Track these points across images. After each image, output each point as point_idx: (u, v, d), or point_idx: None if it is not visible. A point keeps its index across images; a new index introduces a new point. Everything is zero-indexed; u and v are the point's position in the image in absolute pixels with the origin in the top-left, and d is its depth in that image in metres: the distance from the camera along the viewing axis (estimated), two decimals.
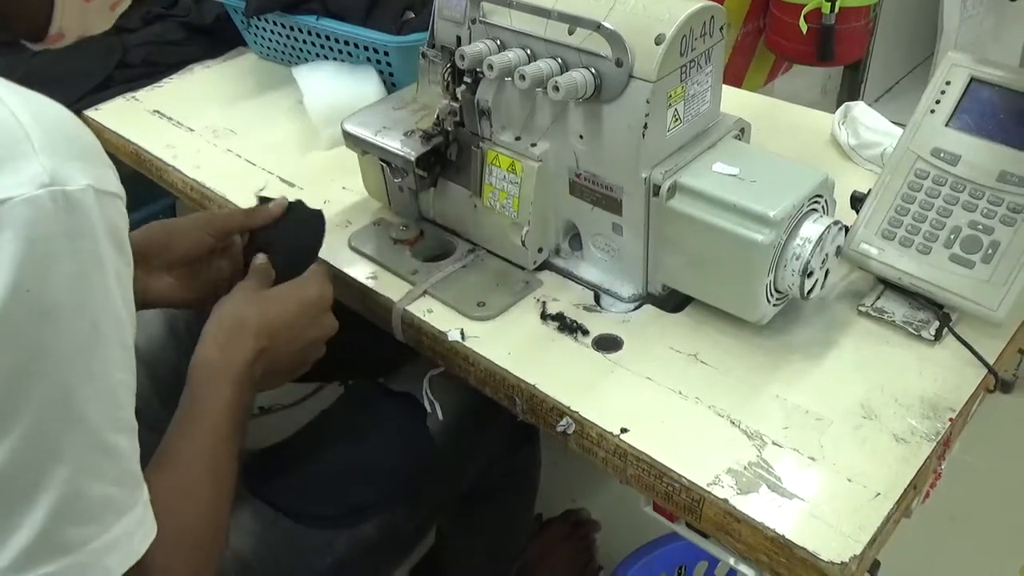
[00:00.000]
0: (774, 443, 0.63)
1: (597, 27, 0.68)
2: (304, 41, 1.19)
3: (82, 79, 1.21)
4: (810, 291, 0.70)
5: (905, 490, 0.60)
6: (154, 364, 0.90)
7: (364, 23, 1.11)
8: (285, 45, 1.23)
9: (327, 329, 0.73)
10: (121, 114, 1.17)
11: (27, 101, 0.46)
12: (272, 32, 1.23)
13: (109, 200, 0.47)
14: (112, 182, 0.48)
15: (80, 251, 0.45)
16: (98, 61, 1.23)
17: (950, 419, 0.64)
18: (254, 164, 1.04)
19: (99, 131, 1.14)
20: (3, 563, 0.44)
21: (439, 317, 0.78)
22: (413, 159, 0.81)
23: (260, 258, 0.77)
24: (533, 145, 0.77)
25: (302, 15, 1.14)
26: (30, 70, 1.16)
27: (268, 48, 1.28)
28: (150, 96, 1.21)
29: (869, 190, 0.76)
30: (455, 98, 0.80)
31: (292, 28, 1.19)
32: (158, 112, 1.17)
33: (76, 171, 0.45)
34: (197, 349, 0.66)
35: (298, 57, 1.24)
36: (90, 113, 1.17)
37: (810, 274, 0.69)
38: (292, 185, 1.00)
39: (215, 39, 1.32)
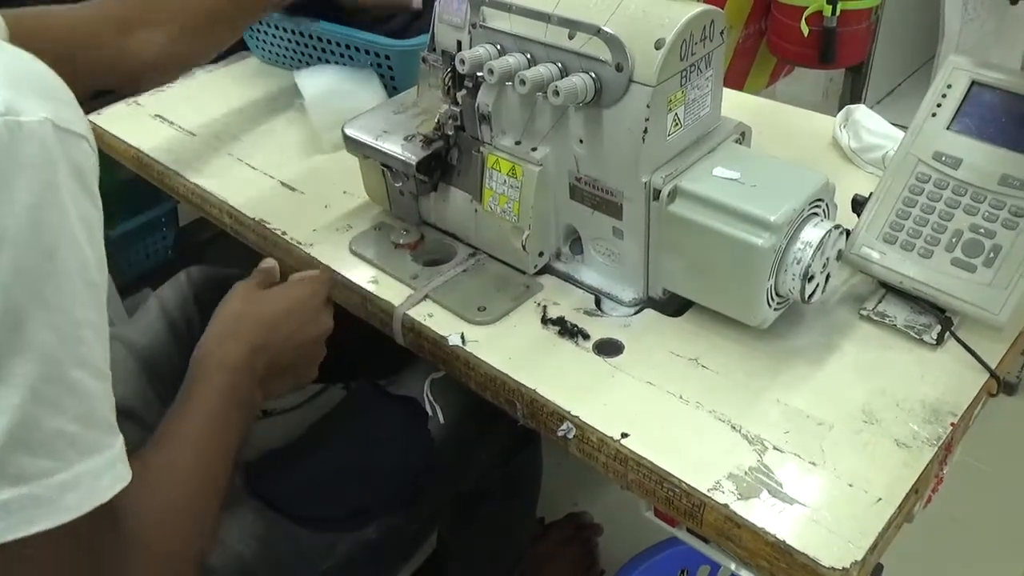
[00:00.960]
0: (775, 448, 0.63)
1: (597, 31, 0.68)
2: (306, 45, 1.20)
3: None
4: (811, 295, 0.70)
5: (907, 495, 0.59)
6: (154, 364, 0.90)
7: (372, 29, 1.11)
8: (287, 49, 1.24)
9: (323, 326, 0.75)
10: (123, 118, 1.17)
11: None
12: (274, 36, 1.23)
13: (72, 138, 0.47)
14: (76, 123, 0.48)
15: (34, 181, 0.44)
16: None
17: (952, 424, 0.64)
18: (255, 168, 1.04)
19: (101, 135, 1.15)
20: None
21: (439, 321, 0.78)
22: (414, 163, 0.81)
23: (268, 261, 0.79)
24: (533, 149, 0.77)
25: (304, 18, 1.15)
26: None
27: (270, 52, 1.28)
28: (152, 100, 1.21)
29: (870, 193, 0.76)
30: (455, 102, 0.80)
31: (293, 32, 1.19)
32: (160, 116, 1.17)
33: (34, 104, 0.45)
34: (197, 345, 0.67)
35: (300, 61, 1.24)
36: (92, 117, 1.17)
37: (811, 278, 0.69)
38: (293, 189, 1.00)
39: None
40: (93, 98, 1.20)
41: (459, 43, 0.79)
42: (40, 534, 0.45)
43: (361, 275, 0.85)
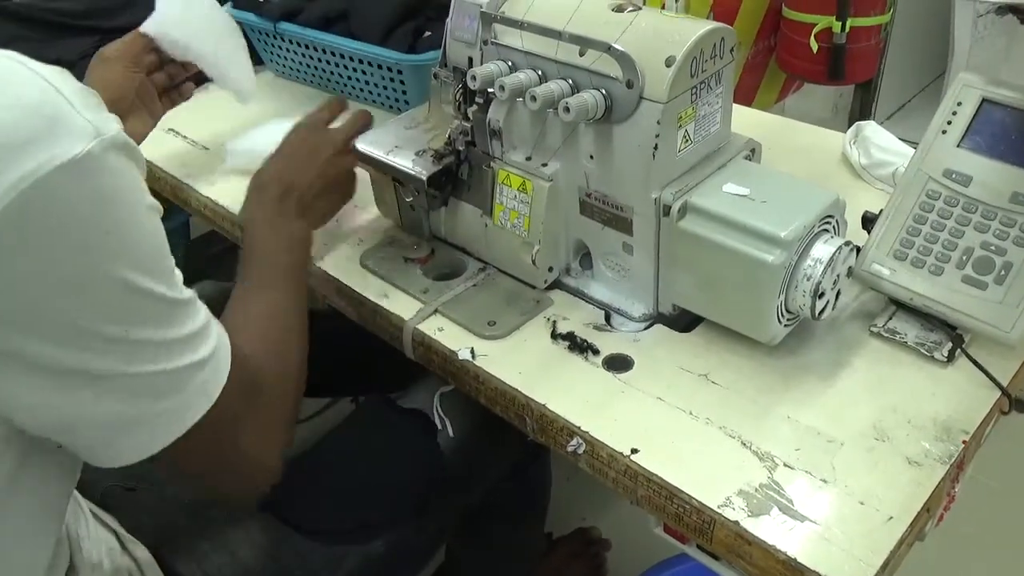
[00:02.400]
0: (785, 465, 0.63)
1: (608, 49, 0.68)
2: (319, 60, 1.21)
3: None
4: (821, 312, 0.70)
5: (918, 513, 0.59)
6: None
7: (382, 43, 1.12)
8: (301, 63, 1.25)
9: (334, 141, 0.85)
10: None
11: (46, 67, 0.49)
12: (287, 50, 1.25)
13: (127, 137, 0.51)
14: (119, 121, 0.52)
15: (129, 182, 0.50)
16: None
17: (964, 441, 0.64)
18: None
19: None
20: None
21: (450, 336, 0.78)
22: (425, 178, 0.81)
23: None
24: (544, 165, 0.78)
25: (320, 33, 1.16)
26: None
27: (283, 66, 1.29)
28: (166, 115, 1.22)
29: (880, 210, 0.76)
30: (467, 118, 0.81)
31: (307, 47, 1.20)
32: (173, 130, 1.18)
33: (109, 120, 0.49)
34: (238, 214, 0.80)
35: (314, 75, 1.25)
36: None
37: (821, 295, 0.69)
38: None
39: None
40: None
41: (470, 59, 0.80)
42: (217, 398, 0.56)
43: (372, 289, 0.85)
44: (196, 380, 0.55)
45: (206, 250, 1.60)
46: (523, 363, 0.74)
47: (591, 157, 0.74)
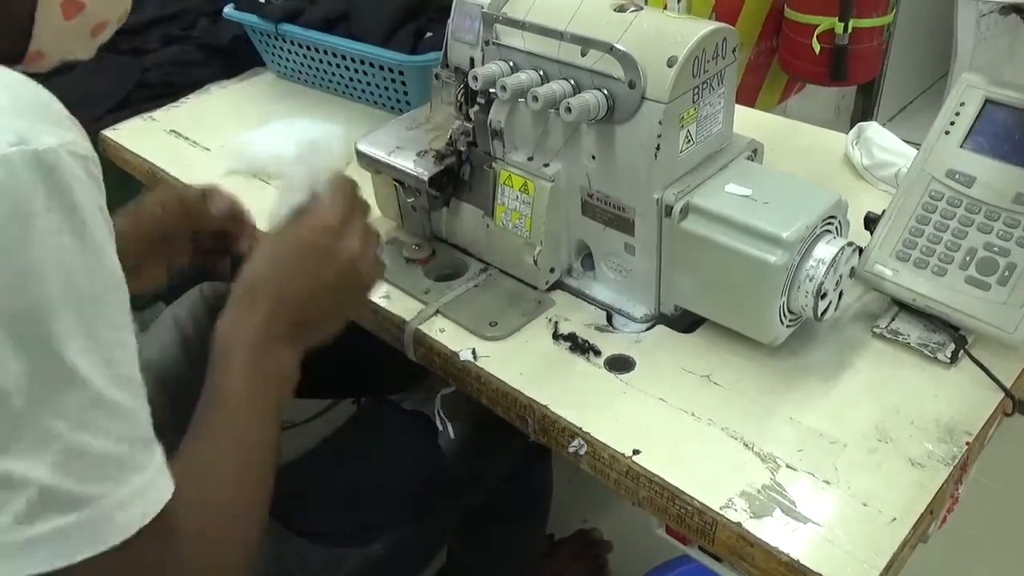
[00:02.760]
0: (788, 466, 0.63)
1: (610, 49, 0.68)
2: (321, 61, 1.21)
3: (100, 99, 1.23)
4: (824, 312, 0.70)
5: (921, 515, 0.59)
6: (167, 381, 0.90)
7: (384, 45, 1.12)
8: (302, 64, 1.25)
9: (344, 257, 0.66)
10: (138, 134, 1.18)
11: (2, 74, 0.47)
12: (290, 52, 1.25)
13: (81, 162, 0.47)
14: (82, 146, 0.48)
15: (56, 209, 0.45)
16: (117, 82, 1.25)
17: (967, 443, 0.64)
18: (269, 183, 1.05)
19: (116, 150, 1.16)
20: (9, 519, 0.44)
21: (451, 336, 0.78)
22: (426, 179, 0.81)
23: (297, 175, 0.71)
24: (546, 165, 0.77)
25: (322, 34, 1.16)
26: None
27: (286, 67, 1.29)
28: (167, 116, 1.22)
29: (883, 211, 0.76)
30: (468, 118, 0.81)
31: (309, 48, 1.20)
32: (175, 132, 1.18)
33: (44, 133, 0.45)
34: (217, 322, 0.65)
35: (315, 77, 1.25)
36: (108, 133, 1.19)
37: (824, 295, 0.69)
38: None
39: (232, 59, 1.34)
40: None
41: (472, 60, 0.80)
42: (96, 556, 0.46)
43: (373, 290, 0.85)
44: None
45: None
46: (525, 364, 0.74)
47: (593, 157, 0.74)
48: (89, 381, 0.46)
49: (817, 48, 1.87)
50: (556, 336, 0.77)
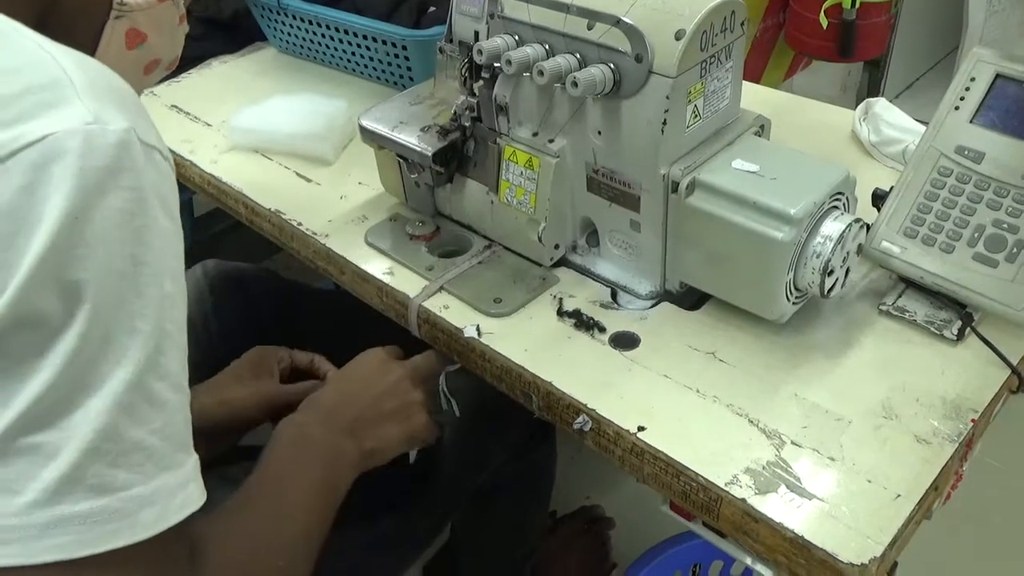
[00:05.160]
0: (793, 443, 0.63)
1: (616, 22, 0.67)
2: (323, 35, 1.20)
3: None
4: (830, 289, 0.70)
5: (926, 492, 0.59)
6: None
7: (388, 19, 1.11)
8: (304, 39, 1.24)
9: (395, 372, 0.75)
10: None
11: (71, 53, 0.47)
12: (292, 26, 1.23)
13: (152, 153, 0.47)
14: (155, 138, 0.48)
15: (124, 188, 0.45)
16: None
17: (972, 420, 0.64)
18: (271, 159, 1.04)
19: None
20: (36, 495, 0.43)
21: (455, 313, 0.78)
22: (430, 154, 0.81)
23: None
24: (551, 141, 0.77)
25: (325, 8, 1.15)
26: None
27: (287, 42, 1.28)
28: (168, 91, 1.22)
29: (891, 187, 0.75)
30: (472, 93, 0.80)
31: (311, 22, 1.19)
32: (176, 107, 1.17)
33: (118, 115, 0.46)
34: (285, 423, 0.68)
35: (318, 51, 1.24)
36: None
37: (830, 272, 0.68)
38: (309, 180, 1.00)
39: (233, 34, 1.33)
40: None
41: (476, 33, 0.79)
42: (114, 551, 0.44)
43: (376, 266, 0.84)
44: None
45: (210, 228, 1.59)
46: (529, 341, 0.74)
47: (599, 133, 0.73)
48: (132, 362, 0.45)
49: (824, 23, 1.85)
50: (561, 313, 0.76)
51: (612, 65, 0.69)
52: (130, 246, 0.46)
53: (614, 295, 0.78)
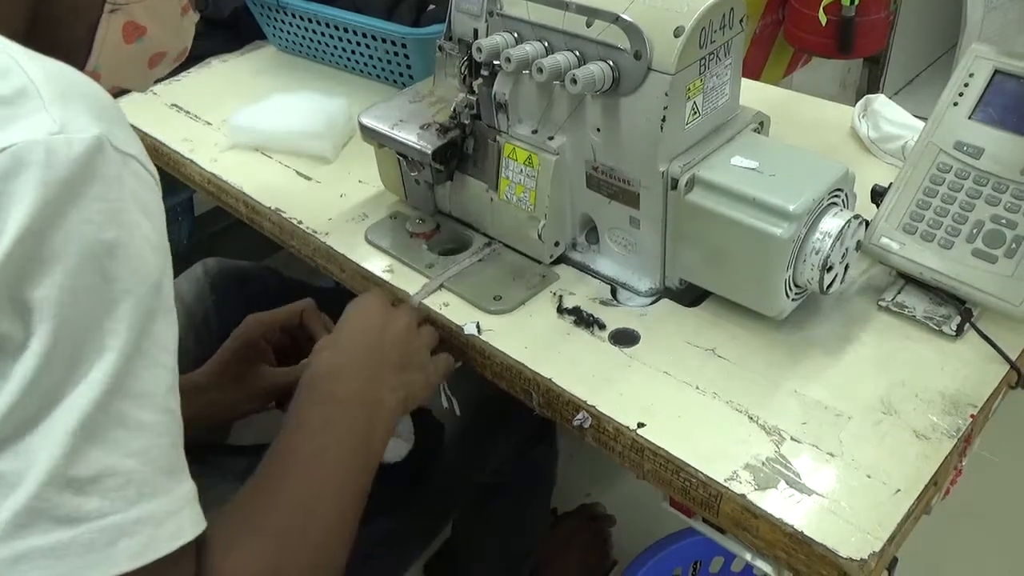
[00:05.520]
0: (792, 439, 0.63)
1: (615, 19, 0.67)
2: (323, 34, 1.20)
3: None
4: (829, 286, 0.70)
5: (925, 487, 0.59)
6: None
7: (388, 18, 1.11)
8: (304, 37, 1.24)
9: (397, 323, 0.71)
10: (139, 107, 1.17)
11: (41, 61, 0.45)
12: (291, 24, 1.23)
13: (129, 162, 0.45)
14: (129, 144, 0.46)
15: (93, 199, 0.43)
16: None
17: (971, 415, 0.64)
18: (271, 157, 1.04)
19: None
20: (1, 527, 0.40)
21: (455, 311, 0.78)
22: (429, 152, 0.81)
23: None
24: (550, 138, 0.77)
25: (324, 7, 1.15)
26: None
27: (287, 41, 1.28)
28: (168, 90, 1.22)
29: (890, 184, 0.75)
30: (472, 91, 0.80)
31: (311, 20, 1.19)
32: (176, 106, 1.17)
33: (88, 123, 0.43)
34: (309, 362, 0.65)
35: (317, 50, 1.24)
36: None
37: (830, 268, 0.68)
38: (309, 178, 1.00)
39: (233, 33, 1.33)
40: None
41: (476, 31, 0.79)
42: None
43: (376, 264, 0.85)
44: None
45: (211, 226, 1.59)
46: (529, 338, 0.74)
47: (598, 130, 0.73)
48: (102, 385, 0.43)
49: (824, 20, 1.85)
50: (560, 310, 0.77)
51: (611, 62, 0.69)
52: (99, 260, 0.43)
53: (614, 292, 0.79)
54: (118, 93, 0.67)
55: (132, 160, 0.46)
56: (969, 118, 0.72)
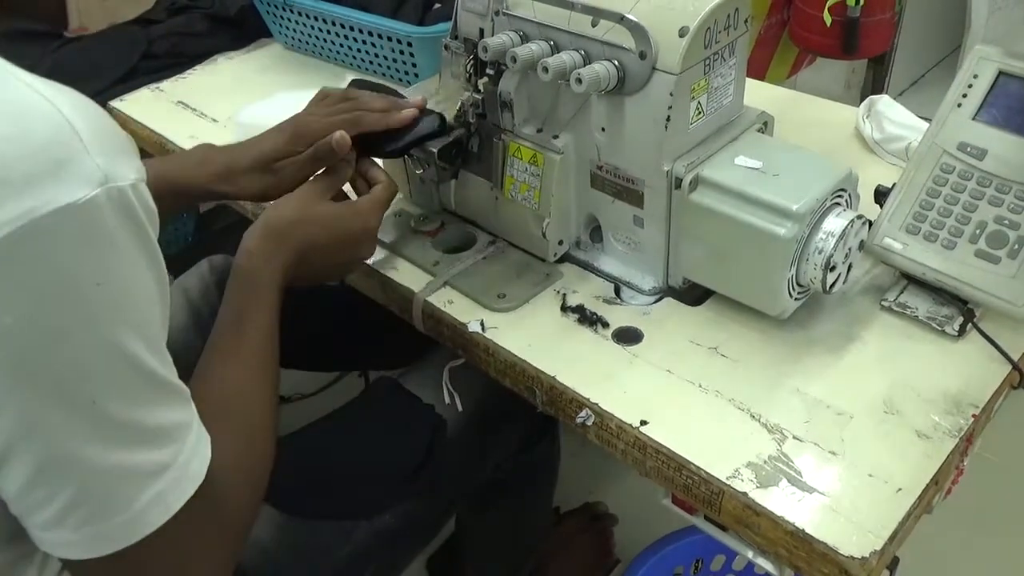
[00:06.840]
0: (794, 437, 0.63)
1: (620, 19, 0.68)
2: (329, 32, 1.20)
3: (107, 70, 1.22)
4: (832, 285, 0.70)
5: (927, 486, 0.59)
6: (176, 353, 0.90)
7: (394, 16, 1.11)
8: (310, 35, 1.24)
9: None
10: (146, 105, 1.18)
11: (70, 98, 0.46)
12: (297, 22, 1.24)
13: (145, 189, 0.49)
14: (142, 169, 0.49)
15: (131, 236, 0.47)
16: (123, 52, 1.25)
17: (973, 415, 0.64)
18: None
19: (124, 121, 1.16)
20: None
21: (459, 308, 0.78)
22: (435, 151, 0.81)
23: (336, 168, 0.78)
24: (555, 137, 0.77)
25: (330, 5, 1.15)
26: (56, 61, 1.17)
27: (293, 38, 1.28)
28: (174, 87, 1.22)
29: (893, 184, 0.76)
30: (477, 90, 0.80)
31: (317, 18, 1.19)
32: (182, 103, 1.18)
33: (124, 167, 0.46)
34: (241, 251, 0.71)
35: (323, 48, 1.24)
36: (115, 104, 1.18)
37: (832, 268, 0.69)
38: None
39: (239, 30, 1.33)
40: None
41: (481, 30, 0.79)
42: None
43: (381, 261, 0.85)
44: (150, 489, 0.49)
45: (216, 223, 1.60)
46: (533, 336, 0.74)
47: (603, 129, 0.74)
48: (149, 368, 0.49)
49: (828, 20, 1.84)
50: (564, 308, 0.77)
51: (616, 62, 0.69)
52: (128, 287, 0.48)
53: (617, 291, 0.79)
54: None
55: (146, 185, 0.49)
56: (973, 119, 0.72)
